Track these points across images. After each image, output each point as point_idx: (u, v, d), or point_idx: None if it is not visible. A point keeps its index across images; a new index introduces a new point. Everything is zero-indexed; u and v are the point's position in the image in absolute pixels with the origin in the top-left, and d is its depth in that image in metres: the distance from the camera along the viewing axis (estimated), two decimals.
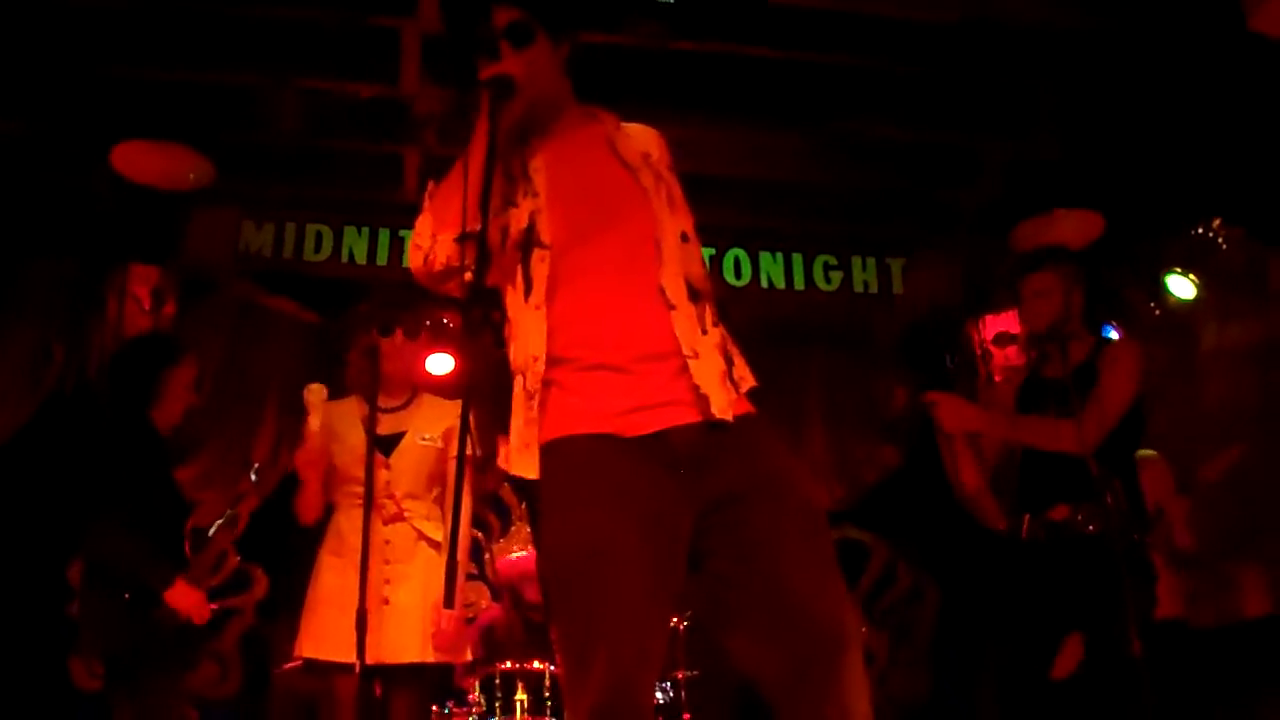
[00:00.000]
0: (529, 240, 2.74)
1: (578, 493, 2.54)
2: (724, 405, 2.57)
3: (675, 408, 2.57)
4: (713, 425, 2.56)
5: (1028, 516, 4.45)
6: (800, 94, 5.65)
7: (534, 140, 2.84)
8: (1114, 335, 5.81)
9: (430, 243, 2.75)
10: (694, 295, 2.68)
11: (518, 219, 2.77)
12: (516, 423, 2.64)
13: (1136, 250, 6.27)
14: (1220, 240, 5.97)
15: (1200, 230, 6.01)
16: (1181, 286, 6.08)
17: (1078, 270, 4.65)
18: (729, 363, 2.67)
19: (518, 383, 2.66)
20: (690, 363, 2.59)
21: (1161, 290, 6.15)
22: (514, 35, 2.76)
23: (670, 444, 2.55)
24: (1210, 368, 5.96)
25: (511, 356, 2.71)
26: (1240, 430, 5.45)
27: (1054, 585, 4.29)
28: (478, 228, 2.55)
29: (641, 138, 2.92)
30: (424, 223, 2.80)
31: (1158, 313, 6.22)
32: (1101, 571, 4.24)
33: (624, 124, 2.94)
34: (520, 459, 2.61)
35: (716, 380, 2.60)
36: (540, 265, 2.70)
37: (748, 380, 2.68)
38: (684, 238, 2.75)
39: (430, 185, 2.85)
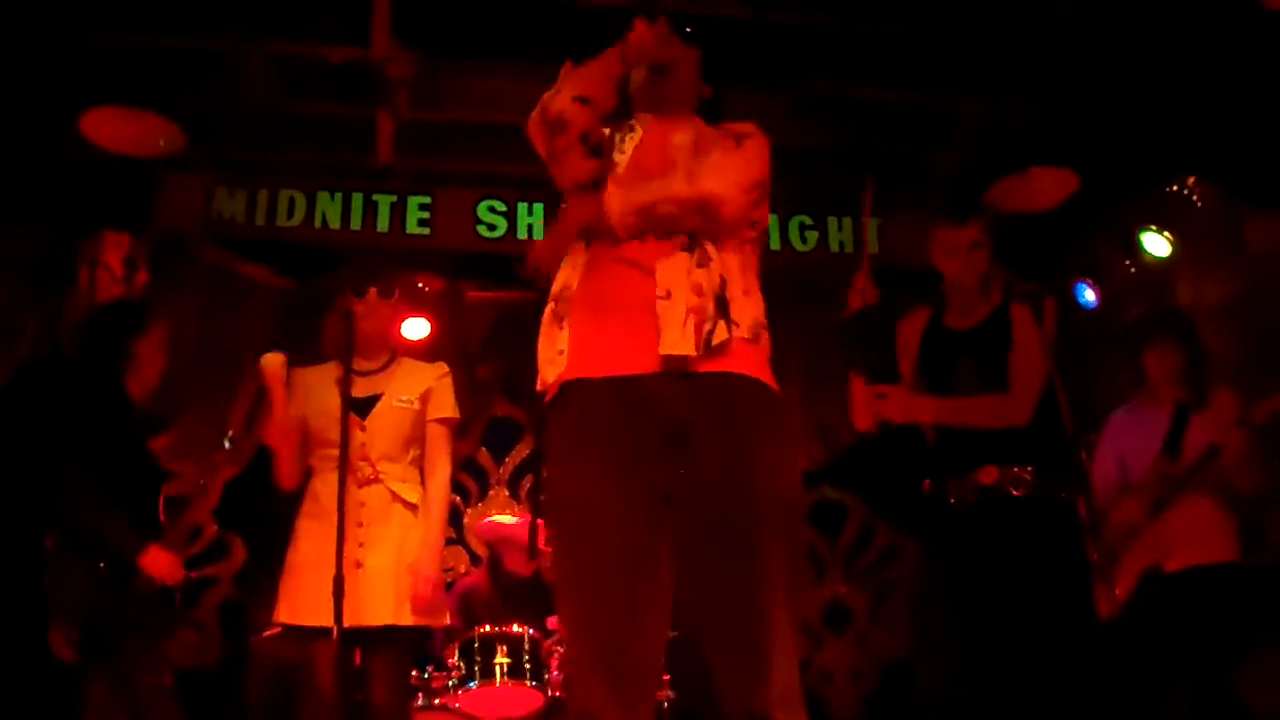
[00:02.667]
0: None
1: (572, 450, 2.73)
2: (675, 343, 2.68)
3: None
4: (684, 376, 2.67)
5: (954, 479, 4.46)
6: (775, 54, 5.62)
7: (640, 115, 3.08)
8: (1090, 295, 5.82)
9: (554, 93, 2.92)
10: (690, 244, 2.79)
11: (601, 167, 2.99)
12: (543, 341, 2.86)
13: (1112, 208, 6.27)
14: (1195, 198, 5.97)
15: (1175, 187, 6.01)
16: (1157, 244, 6.07)
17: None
18: (721, 310, 2.75)
19: (549, 310, 2.88)
20: (659, 302, 2.72)
21: (1137, 248, 6.15)
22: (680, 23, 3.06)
23: (657, 397, 2.69)
24: None
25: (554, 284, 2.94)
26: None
27: (997, 550, 4.30)
28: (599, 99, 2.89)
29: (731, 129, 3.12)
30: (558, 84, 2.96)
31: (1133, 270, 6.22)
32: (1053, 534, 4.28)
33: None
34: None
35: (678, 320, 2.70)
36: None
37: (726, 332, 2.74)
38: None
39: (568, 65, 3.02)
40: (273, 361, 4.23)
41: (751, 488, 2.65)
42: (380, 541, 4.18)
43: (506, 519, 6.50)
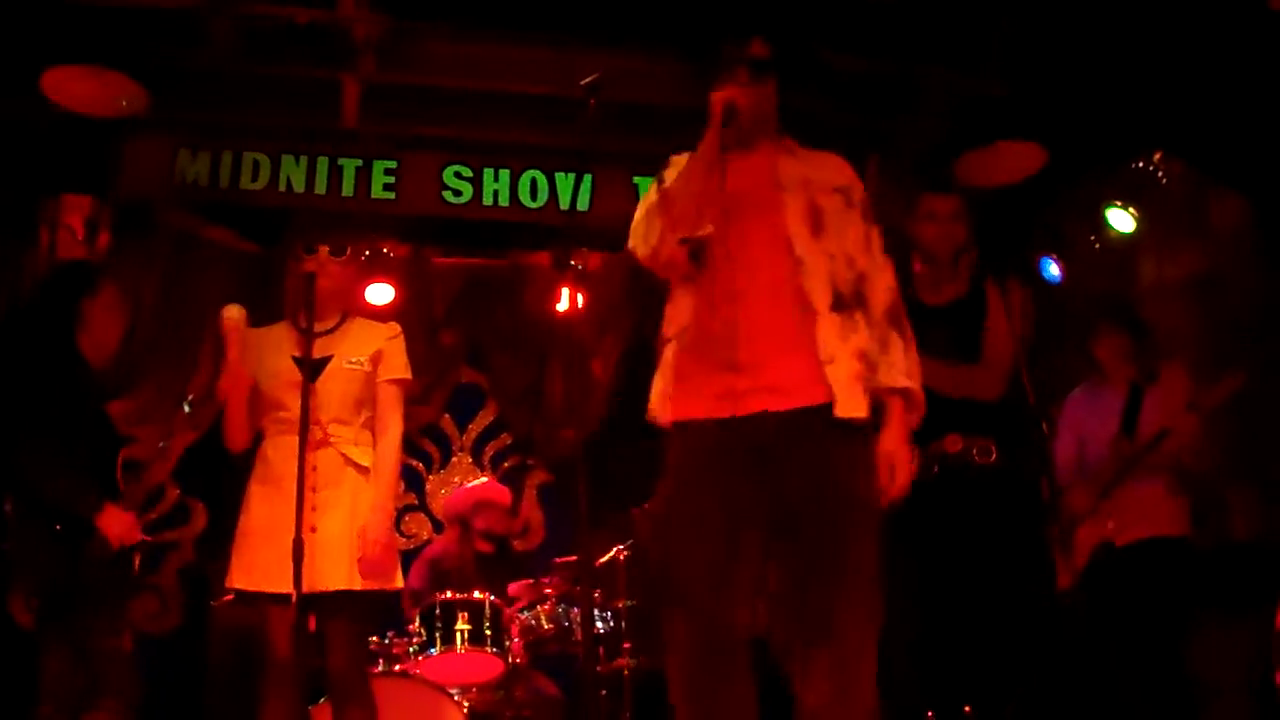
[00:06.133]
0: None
1: (680, 477, 3.10)
2: (848, 408, 3.00)
3: (774, 395, 3.01)
4: (800, 415, 2.99)
5: (916, 445, 4.49)
6: (740, 22, 5.59)
7: (729, 159, 3.20)
8: (1055, 270, 5.85)
9: (659, 242, 3.11)
10: (838, 303, 3.07)
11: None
12: (659, 379, 3.21)
13: (1077, 183, 6.28)
14: (1160, 174, 5.99)
15: (1141, 163, 6.03)
16: (1121, 220, 6.09)
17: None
18: (868, 366, 3.06)
19: (669, 348, 3.20)
20: (826, 367, 3.00)
21: (1101, 223, 6.17)
22: (756, 68, 3.28)
23: (757, 429, 3.00)
24: (1149, 301, 5.99)
25: (664, 325, 3.25)
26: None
27: (958, 518, 4.33)
28: (700, 233, 3.09)
29: (815, 163, 3.31)
30: (656, 221, 3.14)
31: (1097, 246, 6.25)
32: (1013, 506, 4.31)
33: (804, 151, 3.35)
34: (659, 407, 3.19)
35: (847, 380, 3.00)
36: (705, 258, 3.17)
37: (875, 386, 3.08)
38: (830, 256, 3.12)
39: (660, 181, 3.19)
40: (233, 312, 4.19)
41: (832, 499, 2.97)
42: (333, 505, 4.12)
43: (475, 483, 6.53)
